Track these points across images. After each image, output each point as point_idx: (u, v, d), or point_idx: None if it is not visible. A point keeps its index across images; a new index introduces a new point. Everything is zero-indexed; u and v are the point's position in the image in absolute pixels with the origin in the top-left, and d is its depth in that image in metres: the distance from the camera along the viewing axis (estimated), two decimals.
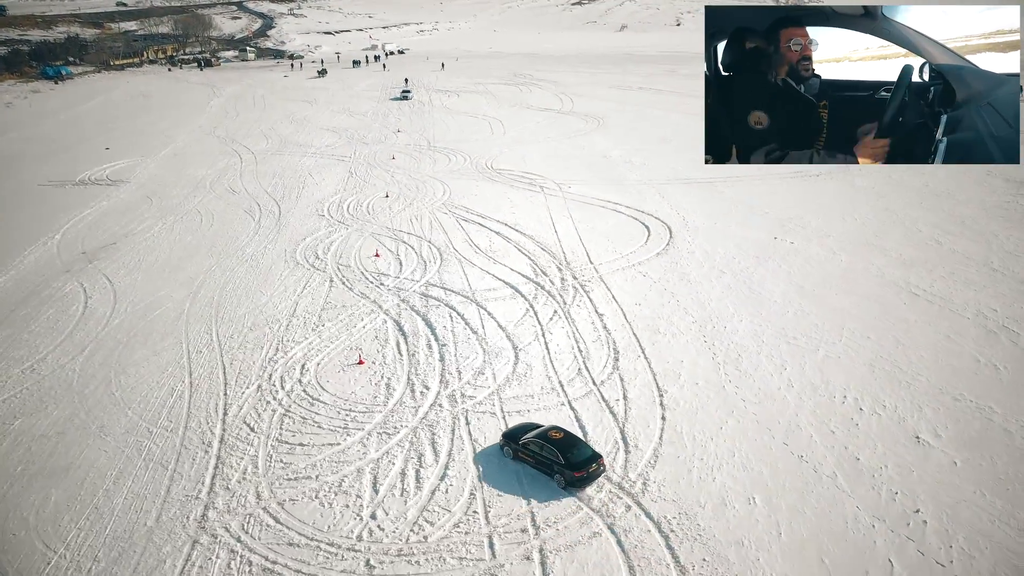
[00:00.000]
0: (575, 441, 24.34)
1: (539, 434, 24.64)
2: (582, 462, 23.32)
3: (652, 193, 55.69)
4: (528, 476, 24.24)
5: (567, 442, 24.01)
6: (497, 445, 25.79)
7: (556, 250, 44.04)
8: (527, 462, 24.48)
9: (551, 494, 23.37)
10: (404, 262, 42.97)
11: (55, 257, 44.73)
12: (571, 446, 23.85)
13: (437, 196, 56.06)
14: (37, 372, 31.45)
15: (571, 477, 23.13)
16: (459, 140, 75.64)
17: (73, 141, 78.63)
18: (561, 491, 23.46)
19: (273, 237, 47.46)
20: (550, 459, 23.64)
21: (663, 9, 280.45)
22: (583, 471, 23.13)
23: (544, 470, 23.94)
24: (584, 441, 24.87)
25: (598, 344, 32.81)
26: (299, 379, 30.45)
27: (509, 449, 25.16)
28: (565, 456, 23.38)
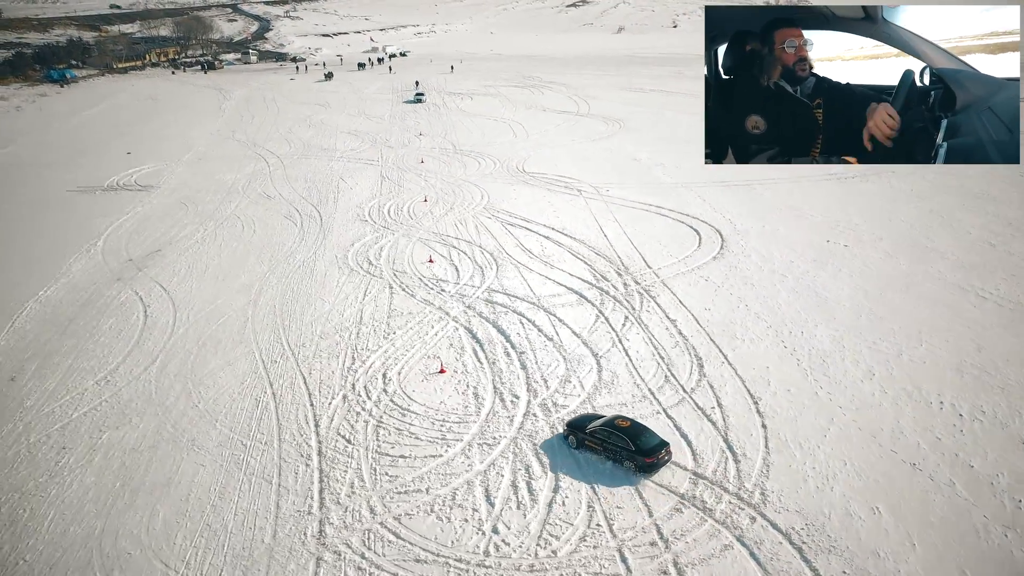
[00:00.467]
0: (642, 429, 24.96)
1: (606, 423, 25.27)
2: (651, 448, 24.06)
3: (691, 196, 55.47)
4: (645, 490, 23.78)
5: (635, 430, 24.70)
6: (561, 435, 26.40)
7: (611, 255, 43.68)
8: (594, 450, 25.05)
9: (671, 506, 22.98)
10: (460, 268, 42.53)
11: (102, 265, 43.95)
12: (639, 434, 24.55)
13: (476, 200, 55.58)
14: (112, 384, 30.76)
15: (642, 463, 23.84)
16: (484, 143, 75.17)
17: (91, 146, 77.56)
18: (681, 503, 23.08)
19: (320, 242, 46.86)
20: (620, 446, 24.32)
21: (658, 11, 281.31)
22: (653, 457, 23.87)
23: (612, 457, 24.60)
24: (650, 429, 25.29)
25: (678, 351, 32.45)
26: (384, 389, 29.93)
27: (574, 438, 25.73)
28: (635, 443, 24.07)
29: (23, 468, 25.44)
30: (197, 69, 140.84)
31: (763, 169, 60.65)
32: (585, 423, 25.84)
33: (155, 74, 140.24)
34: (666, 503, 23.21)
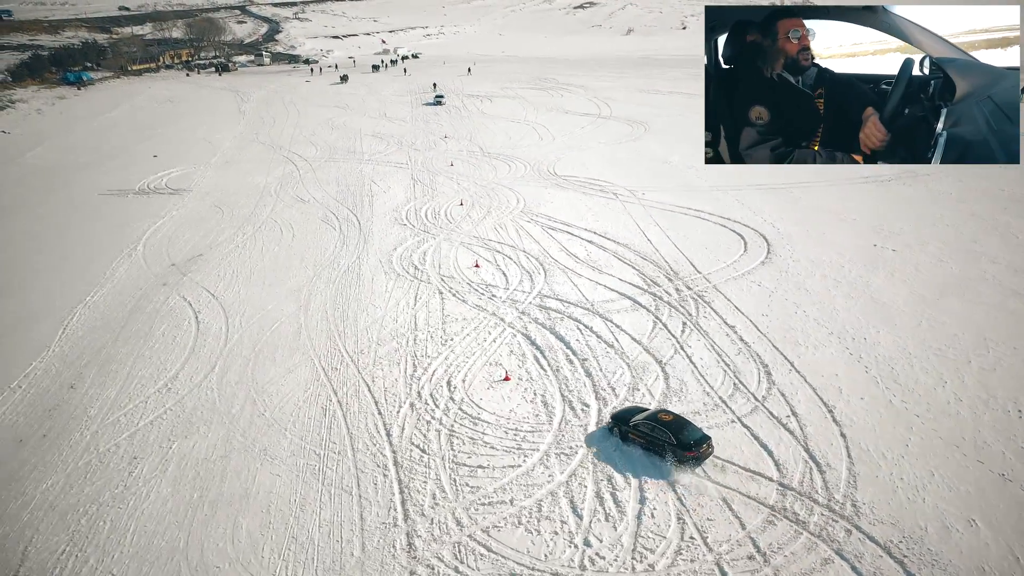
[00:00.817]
0: (685, 423, 25.23)
1: (650, 416, 25.72)
2: (694, 442, 24.42)
3: (729, 200, 55.07)
4: (733, 502, 23.39)
5: (678, 424, 25.03)
6: (606, 427, 26.94)
7: (658, 260, 43.31)
8: (637, 443, 25.55)
9: (763, 518, 22.59)
10: (507, 273, 42.15)
11: (145, 269, 43.60)
12: (682, 427, 24.89)
13: (512, 204, 55.23)
14: (174, 392, 30.39)
15: (682, 456, 24.25)
16: (510, 146, 74.82)
17: (116, 149, 77.27)
18: (773, 515, 22.69)
19: (362, 247, 46.51)
20: (662, 440, 24.82)
21: (666, 13, 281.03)
22: (694, 451, 24.26)
23: (655, 450, 25.03)
24: (693, 423, 25.55)
25: (742, 358, 32.06)
26: (451, 397, 29.55)
27: (618, 430, 26.24)
28: (677, 437, 24.51)
29: (97, 479, 25.08)
30: (211, 71, 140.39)
31: (797, 172, 60.50)
32: (629, 416, 26.23)
33: (169, 76, 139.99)
34: (757, 515, 22.79)
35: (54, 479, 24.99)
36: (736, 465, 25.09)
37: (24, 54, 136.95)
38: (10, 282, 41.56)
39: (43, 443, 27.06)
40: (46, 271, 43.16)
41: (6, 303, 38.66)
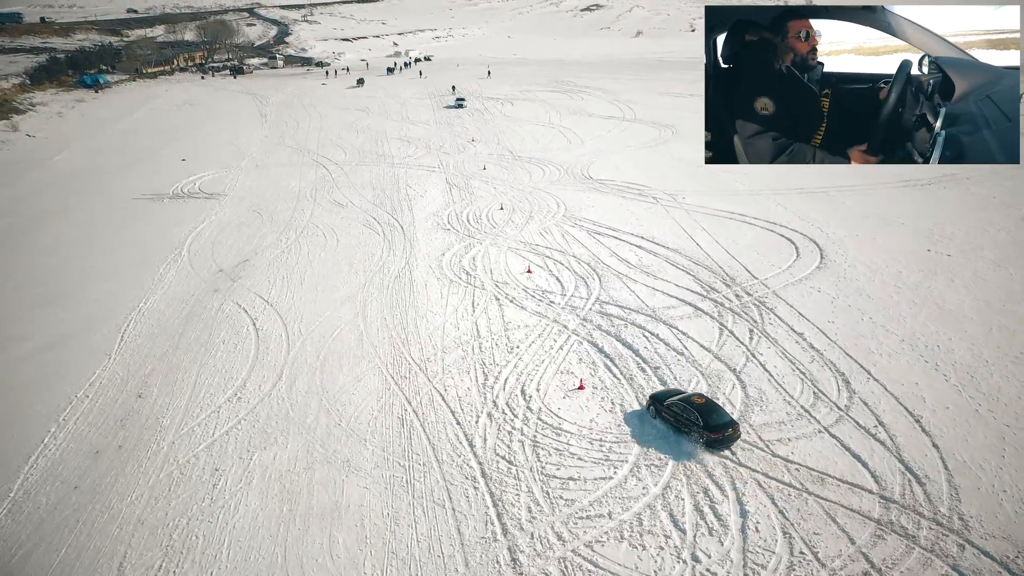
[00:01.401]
0: (714, 407, 26.55)
1: (683, 398, 27.21)
2: (720, 426, 25.74)
3: (771, 204, 54.64)
4: (837, 515, 22.91)
5: (708, 408, 26.41)
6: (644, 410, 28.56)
7: (711, 265, 42.84)
8: (669, 422, 27.20)
9: (871, 532, 22.15)
10: (561, 279, 41.67)
11: (193, 275, 43.09)
12: (711, 411, 26.24)
13: (553, 208, 54.78)
14: (245, 401, 29.90)
15: (708, 438, 25.63)
16: (540, 149, 74.39)
17: (143, 152, 76.82)
18: (880, 529, 22.22)
19: (409, 252, 46.04)
20: (691, 421, 26.25)
21: (673, 15, 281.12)
22: (720, 434, 25.57)
23: (684, 430, 26.51)
24: (722, 408, 26.87)
25: (817, 366, 31.60)
26: (528, 407, 29.08)
27: (654, 409, 27.98)
28: (705, 419, 25.85)
29: (182, 491, 24.59)
30: (226, 74, 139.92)
31: (837, 176, 60.23)
32: (665, 397, 27.75)
33: (184, 79, 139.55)
34: (864, 529, 22.34)
35: (138, 492, 24.50)
36: (833, 477, 24.62)
37: (38, 57, 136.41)
38: (63, 289, 41.02)
39: (120, 454, 26.55)
40: (96, 277, 42.64)
41: (61, 311, 38.11)
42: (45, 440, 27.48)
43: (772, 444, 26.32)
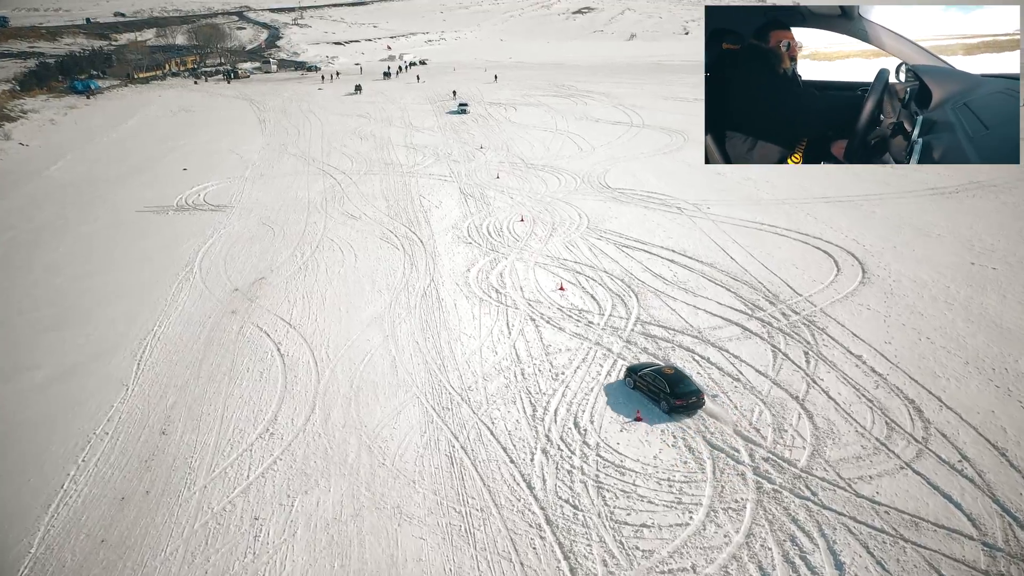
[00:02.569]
0: (682, 378, 29.17)
1: (655, 369, 29.93)
2: (684, 393, 28.29)
3: (799, 214, 52.95)
4: (941, 566, 20.99)
5: (675, 378, 29.09)
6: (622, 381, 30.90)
7: (750, 280, 41.02)
8: (642, 390, 29.76)
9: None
10: (596, 296, 39.69)
11: (208, 295, 40.80)
12: (678, 381, 28.86)
13: (575, 219, 52.84)
14: (278, 437, 27.71)
15: (673, 404, 28.21)
16: (551, 157, 72.45)
17: (142, 161, 74.28)
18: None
19: (433, 268, 43.95)
20: (660, 389, 28.84)
21: (665, 18, 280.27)
22: (684, 400, 28.20)
23: (653, 398, 29.12)
24: (690, 379, 29.50)
25: (883, 392, 29.81)
26: (584, 441, 27.06)
27: (631, 380, 30.43)
28: (671, 387, 28.49)
29: (220, 544, 22.39)
30: (219, 79, 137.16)
31: (863, 184, 58.96)
32: (640, 368, 30.24)
33: (177, 84, 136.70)
34: None
35: (172, 546, 22.29)
36: (927, 521, 22.78)
37: (25, 62, 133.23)
38: (71, 311, 38.66)
39: (147, 501, 24.33)
40: (105, 298, 40.28)
41: (71, 336, 35.76)
42: (65, 485, 25.22)
43: (854, 483, 24.47)
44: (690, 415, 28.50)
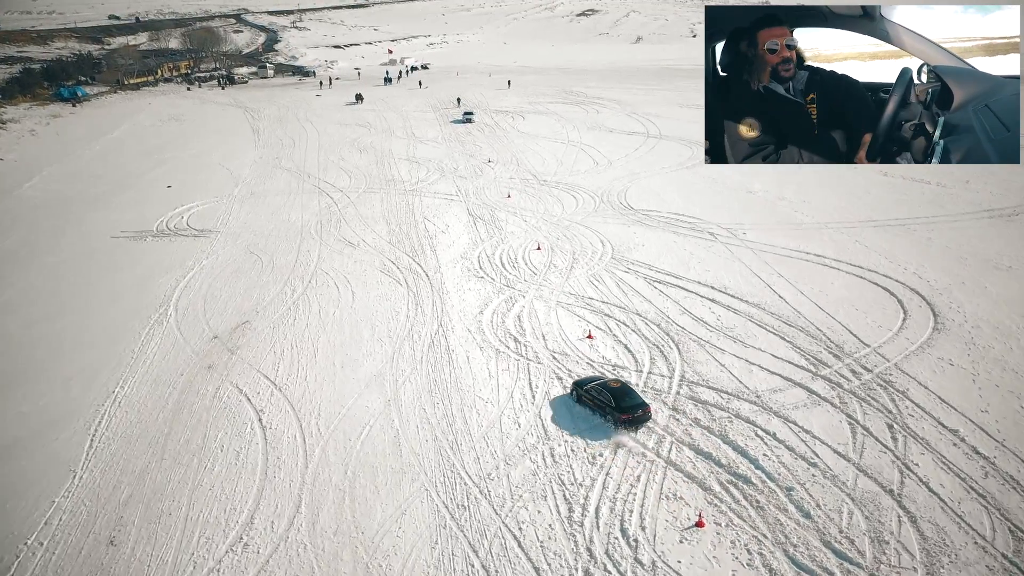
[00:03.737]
0: (628, 391, 28.27)
1: (601, 383, 28.84)
2: (630, 407, 27.53)
3: (846, 240, 47.38)
4: None
5: (621, 391, 28.14)
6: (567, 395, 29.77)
7: (806, 326, 35.47)
8: (588, 405, 28.66)
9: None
10: (631, 346, 33.99)
11: (182, 344, 35.11)
12: (624, 394, 28.00)
13: (597, 247, 47.17)
14: (254, 550, 22.19)
15: (618, 418, 27.35)
16: (565, 172, 66.86)
17: (124, 177, 68.67)
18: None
19: (440, 309, 38.33)
20: (605, 402, 27.95)
21: (672, 20, 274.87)
22: (629, 415, 27.38)
23: (600, 412, 28.13)
24: (635, 392, 28.51)
25: (995, 482, 24.41)
26: (636, 558, 21.41)
27: (575, 394, 29.33)
28: (617, 401, 27.63)
29: None
30: (213, 84, 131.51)
31: (911, 206, 54.11)
32: (586, 383, 29.15)
33: (169, 90, 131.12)
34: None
35: None
36: None
37: (12, 67, 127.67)
38: (24, 364, 33.21)
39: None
40: (62, 349, 34.76)
41: (15, 400, 30.26)
42: None
43: None
44: (636, 429, 27.67)
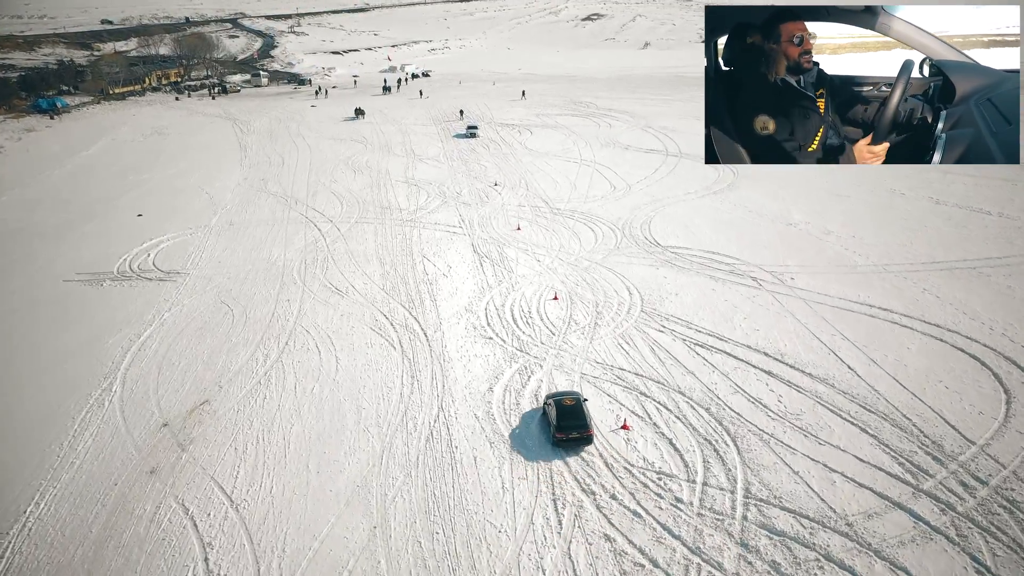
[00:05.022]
0: (575, 412, 27.39)
1: (558, 397, 28.40)
2: (566, 427, 26.94)
3: (913, 288, 40.61)
4: None
5: (568, 410, 27.41)
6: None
7: (888, 410, 28.92)
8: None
9: None
10: (676, 443, 27.00)
11: (124, 436, 28.27)
12: (568, 414, 27.30)
13: (624, 298, 40.27)
14: None
15: (554, 437, 27.07)
16: (580, 198, 60.05)
17: (93, 203, 61.74)
18: None
19: (441, 386, 31.42)
20: (550, 418, 27.72)
21: (679, 24, 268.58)
22: (564, 435, 26.93)
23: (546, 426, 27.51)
24: (584, 415, 27.51)
25: None
26: None
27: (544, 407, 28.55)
28: (559, 420, 27.11)
29: None
30: (204, 94, 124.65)
31: (976, 245, 47.16)
32: (554, 396, 28.63)
33: (156, 100, 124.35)
34: None
35: None
36: None
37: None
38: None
39: None
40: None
41: None
42: None
43: None
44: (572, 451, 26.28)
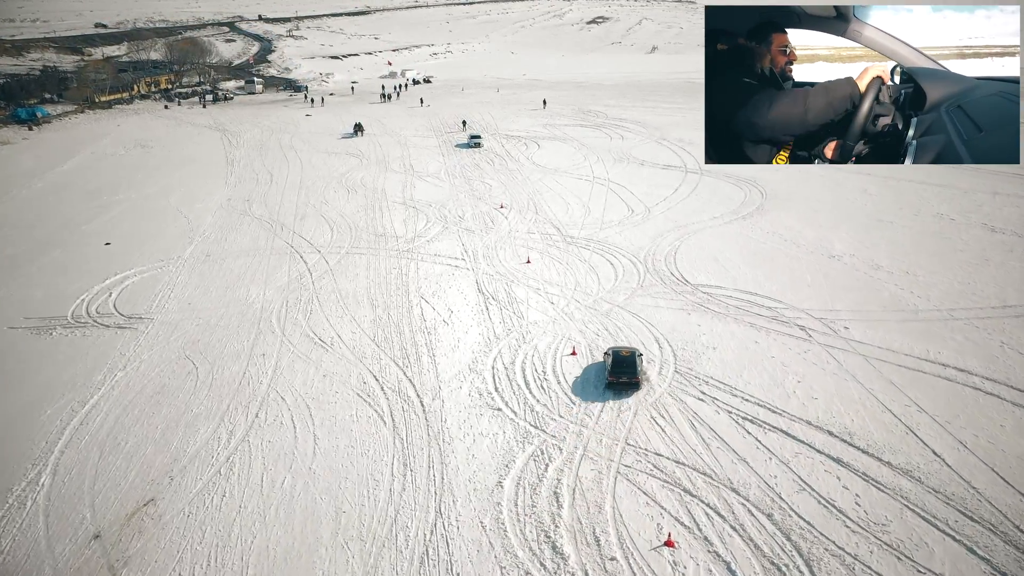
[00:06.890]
0: (629, 361, 31.33)
1: (617, 348, 32.54)
2: (617, 372, 30.97)
3: (988, 340, 35.01)
4: None
5: (622, 359, 31.40)
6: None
7: (990, 516, 24.00)
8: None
9: None
10: (737, 568, 20.66)
11: (43, 555, 22.34)
12: (621, 362, 31.27)
13: (654, 353, 34.58)
14: None
15: (607, 380, 31.19)
16: (595, 223, 54.21)
17: (59, 229, 55.81)
18: None
19: (440, 477, 25.51)
20: (606, 364, 31.70)
21: (687, 28, 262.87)
22: (615, 378, 31.00)
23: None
24: (636, 366, 31.38)
25: None
26: None
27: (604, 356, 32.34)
28: (613, 365, 31.14)
29: None
30: (195, 102, 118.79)
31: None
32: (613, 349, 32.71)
33: (144, 108, 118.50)
34: None
35: None
36: None
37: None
38: None
39: None
40: None
41: None
42: None
43: None
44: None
